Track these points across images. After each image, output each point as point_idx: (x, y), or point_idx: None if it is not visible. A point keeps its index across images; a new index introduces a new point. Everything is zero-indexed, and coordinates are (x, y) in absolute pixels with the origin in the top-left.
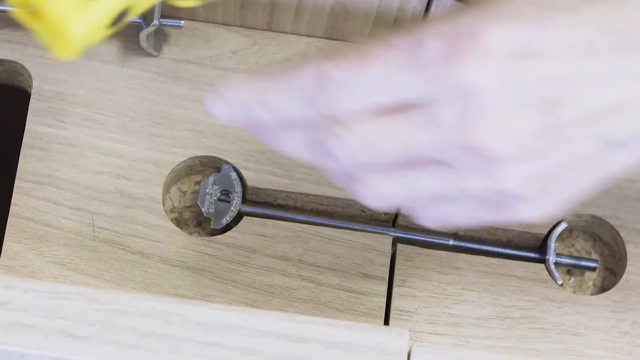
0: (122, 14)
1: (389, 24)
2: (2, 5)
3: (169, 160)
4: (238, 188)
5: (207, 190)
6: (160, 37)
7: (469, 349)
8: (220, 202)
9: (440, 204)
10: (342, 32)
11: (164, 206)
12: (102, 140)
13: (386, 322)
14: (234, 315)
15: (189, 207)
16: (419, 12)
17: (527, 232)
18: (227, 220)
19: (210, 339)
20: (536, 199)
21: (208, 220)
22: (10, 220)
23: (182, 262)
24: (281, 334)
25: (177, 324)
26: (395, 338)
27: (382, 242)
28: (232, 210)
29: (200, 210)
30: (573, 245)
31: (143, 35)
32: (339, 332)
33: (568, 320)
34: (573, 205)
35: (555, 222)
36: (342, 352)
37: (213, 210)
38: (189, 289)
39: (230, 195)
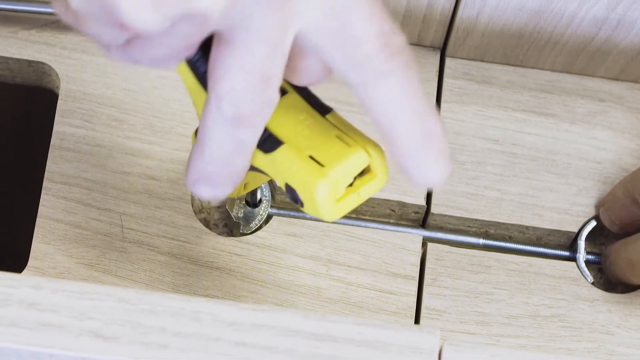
0: None
1: (417, 22)
2: (32, 6)
3: None
4: (267, 192)
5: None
6: None
7: (499, 348)
8: (249, 205)
9: None
10: None
11: (192, 206)
12: (131, 140)
13: (417, 322)
14: (264, 315)
15: (217, 207)
16: (448, 10)
17: (558, 231)
18: (256, 224)
19: (240, 339)
20: None
21: (235, 223)
22: (38, 221)
23: (212, 262)
24: (311, 333)
25: (207, 324)
26: (426, 337)
27: (412, 241)
28: (261, 214)
29: (228, 212)
30: (604, 243)
31: None
32: (369, 331)
33: (599, 319)
34: None
35: (585, 220)
36: (372, 351)
37: (242, 214)
38: (219, 289)
39: (259, 198)
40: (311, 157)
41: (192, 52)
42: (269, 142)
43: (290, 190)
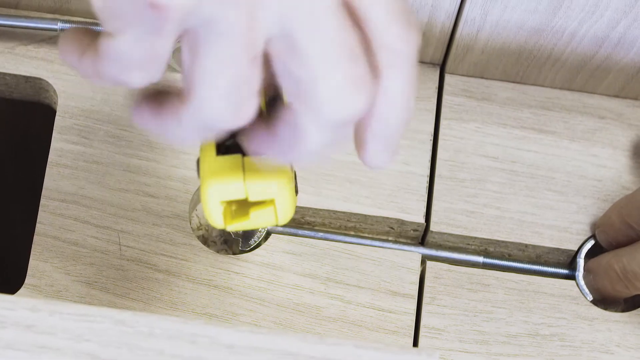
0: None
1: None
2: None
3: (196, 177)
4: None
5: None
6: None
7: None
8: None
9: None
10: None
11: (190, 224)
12: (129, 157)
13: (415, 341)
14: (261, 338)
15: None
16: (448, 27)
17: (557, 249)
18: (255, 241)
19: None
20: None
21: (234, 240)
22: (35, 239)
23: (210, 280)
24: (310, 356)
25: (205, 346)
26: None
27: (411, 259)
28: (260, 231)
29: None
30: None
31: None
32: (368, 355)
33: (599, 338)
34: None
35: (584, 238)
36: None
37: (241, 232)
38: (217, 307)
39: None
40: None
41: (161, 64)
42: None
43: (197, 167)
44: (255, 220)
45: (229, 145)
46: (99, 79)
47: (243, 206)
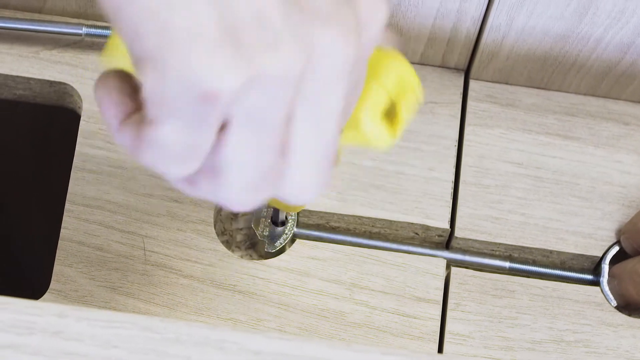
0: None
1: (442, 45)
2: (54, 26)
3: None
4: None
5: (261, 214)
6: None
7: None
8: (275, 224)
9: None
10: None
11: (215, 229)
12: None
13: (440, 347)
14: (288, 344)
15: (240, 229)
16: (473, 33)
17: (582, 255)
18: (281, 244)
19: None
20: None
21: (260, 242)
22: (60, 244)
23: (234, 285)
24: None
25: (233, 353)
26: None
27: (435, 265)
28: (286, 234)
29: (252, 233)
30: None
31: None
32: None
33: (623, 344)
34: None
35: (609, 244)
36: None
37: (267, 233)
38: (241, 313)
39: (285, 218)
40: None
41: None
42: None
43: None
44: (406, 112)
45: None
46: (135, 156)
47: (389, 111)
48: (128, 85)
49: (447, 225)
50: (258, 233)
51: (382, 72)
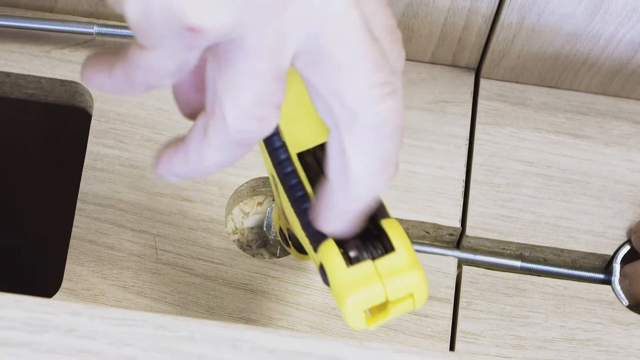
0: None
1: (453, 44)
2: (65, 25)
3: (232, 181)
4: None
5: (271, 220)
6: None
7: None
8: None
9: None
10: (406, 51)
11: (226, 228)
12: None
13: (452, 345)
14: (302, 342)
15: (251, 228)
16: (484, 32)
17: (593, 254)
18: None
19: None
20: None
21: (270, 242)
22: (72, 242)
23: (246, 284)
24: None
25: (246, 351)
26: None
27: (447, 263)
28: None
29: (263, 232)
30: None
31: None
32: (408, 359)
33: (635, 343)
34: None
35: (620, 243)
36: None
37: (279, 238)
38: (253, 311)
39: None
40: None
41: (189, 67)
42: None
43: (323, 274)
44: (395, 313)
45: (355, 255)
46: (131, 88)
47: (382, 304)
48: (110, 55)
49: (458, 224)
50: (271, 238)
51: (393, 278)
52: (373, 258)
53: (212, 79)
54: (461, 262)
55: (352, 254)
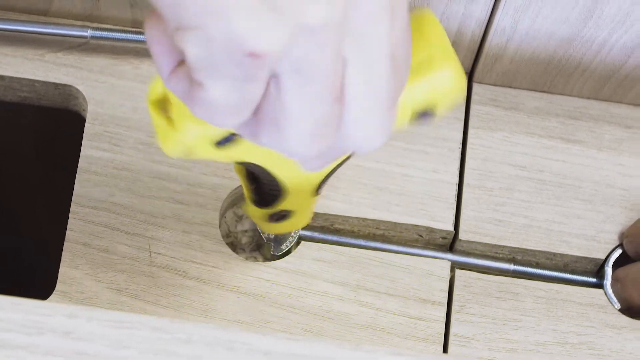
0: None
1: None
2: (59, 29)
3: (226, 184)
4: None
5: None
6: None
7: None
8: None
9: None
10: None
11: (220, 231)
12: (158, 164)
13: (445, 348)
14: (298, 344)
15: (245, 231)
16: (477, 36)
17: (585, 257)
18: (287, 246)
19: None
20: None
21: (265, 244)
22: (66, 245)
23: (240, 287)
24: None
25: (242, 353)
26: None
27: (440, 267)
28: (292, 236)
29: (257, 235)
30: None
31: None
32: None
33: (627, 347)
34: None
35: (612, 247)
36: None
37: (273, 236)
38: (247, 314)
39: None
40: None
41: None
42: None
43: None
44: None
45: None
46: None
47: None
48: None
49: (451, 228)
50: (264, 236)
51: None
52: None
53: (273, 101)
54: (454, 266)
55: None
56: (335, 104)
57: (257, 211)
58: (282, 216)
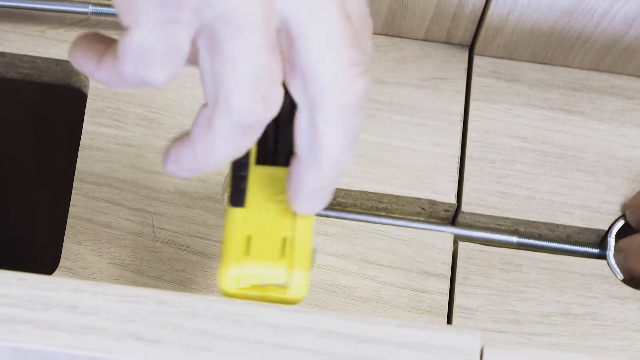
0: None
1: (447, 20)
2: (60, 5)
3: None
4: None
5: None
6: None
7: (539, 349)
8: None
9: None
10: (400, 29)
11: (223, 205)
12: (161, 139)
13: (449, 320)
14: (304, 317)
15: None
16: (479, 7)
17: (588, 228)
18: None
19: (282, 341)
20: None
21: None
22: (69, 221)
23: None
24: (352, 335)
25: (249, 326)
26: (467, 339)
27: (443, 239)
28: None
29: None
30: None
31: None
32: (410, 333)
33: (631, 317)
34: None
35: (615, 218)
36: (413, 352)
37: None
38: None
39: None
40: (247, 238)
41: (182, 60)
42: (237, 196)
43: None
44: (267, 299)
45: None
46: (119, 82)
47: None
48: (98, 40)
49: (453, 200)
50: None
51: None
52: None
53: (209, 68)
54: (457, 239)
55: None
56: (272, 54)
57: None
58: None
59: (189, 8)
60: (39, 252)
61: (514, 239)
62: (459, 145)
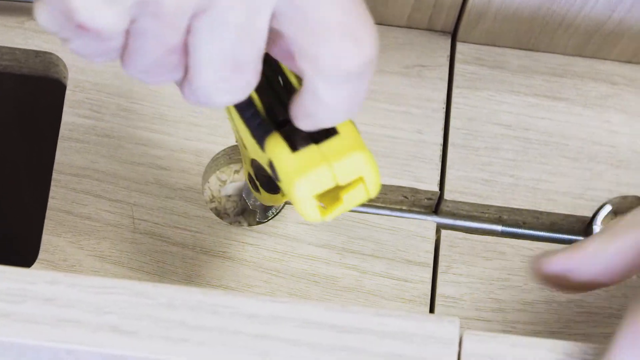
0: None
1: (429, 7)
2: None
3: (209, 149)
4: None
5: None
6: None
7: (520, 337)
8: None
9: None
10: (382, 16)
11: (203, 196)
12: (140, 130)
13: (432, 309)
14: (283, 307)
15: (229, 196)
16: None
17: (572, 215)
18: (273, 213)
19: (261, 331)
20: None
21: (249, 210)
22: (48, 213)
23: (224, 252)
24: (333, 324)
25: (227, 317)
26: (447, 327)
27: (425, 228)
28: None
29: (241, 200)
30: None
31: None
32: (391, 322)
33: (615, 303)
34: None
35: (599, 205)
36: (395, 342)
37: (259, 203)
38: (231, 279)
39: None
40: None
41: (175, 56)
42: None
43: (273, 170)
44: (349, 202)
45: (298, 141)
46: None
47: (333, 192)
48: None
49: (436, 188)
50: (250, 203)
51: (339, 158)
52: (317, 142)
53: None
54: (440, 227)
55: (295, 140)
56: (179, 51)
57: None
58: None
59: (109, 35)
60: (19, 243)
61: (498, 227)
62: (442, 133)
